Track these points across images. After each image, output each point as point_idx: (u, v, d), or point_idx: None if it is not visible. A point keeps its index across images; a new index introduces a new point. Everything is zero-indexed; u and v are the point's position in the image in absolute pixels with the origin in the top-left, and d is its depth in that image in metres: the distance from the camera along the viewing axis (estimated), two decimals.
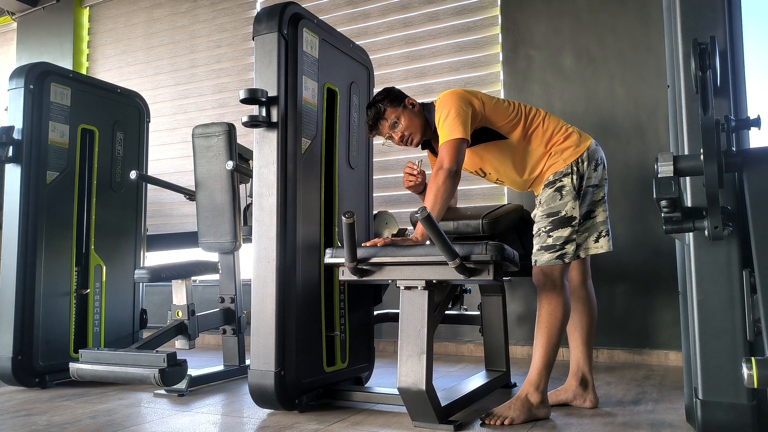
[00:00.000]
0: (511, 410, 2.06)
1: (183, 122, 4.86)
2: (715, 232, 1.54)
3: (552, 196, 2.19)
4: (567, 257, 2.14)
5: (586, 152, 2.21)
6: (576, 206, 2.16)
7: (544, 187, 2.23)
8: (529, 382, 2.11)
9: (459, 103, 2.17)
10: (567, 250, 2.14)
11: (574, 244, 2.15)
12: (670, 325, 3.24)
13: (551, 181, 2.21)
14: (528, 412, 2.06)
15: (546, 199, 2.21)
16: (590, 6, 3.58)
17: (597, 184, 2.21)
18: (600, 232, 2.20)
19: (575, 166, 2.18)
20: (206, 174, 2.85)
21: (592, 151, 2.22)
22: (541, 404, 2.09)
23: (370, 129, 2.37)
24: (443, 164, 2.11)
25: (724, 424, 1.66)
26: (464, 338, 3.75)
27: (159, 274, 2.71)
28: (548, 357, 2.11)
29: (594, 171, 2.20)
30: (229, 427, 2.09)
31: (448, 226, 2.40)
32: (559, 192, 2.18)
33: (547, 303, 2.14)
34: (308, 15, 2.35)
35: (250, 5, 4.69)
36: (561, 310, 2.12)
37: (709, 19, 1.73)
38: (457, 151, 2.12)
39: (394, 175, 4.06)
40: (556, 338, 2.11)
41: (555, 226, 2.16)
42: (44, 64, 2.97)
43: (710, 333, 1.68)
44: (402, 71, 4.10)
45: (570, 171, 2.18)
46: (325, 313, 2.37)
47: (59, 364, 2.82)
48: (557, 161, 2.21)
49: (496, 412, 2.06)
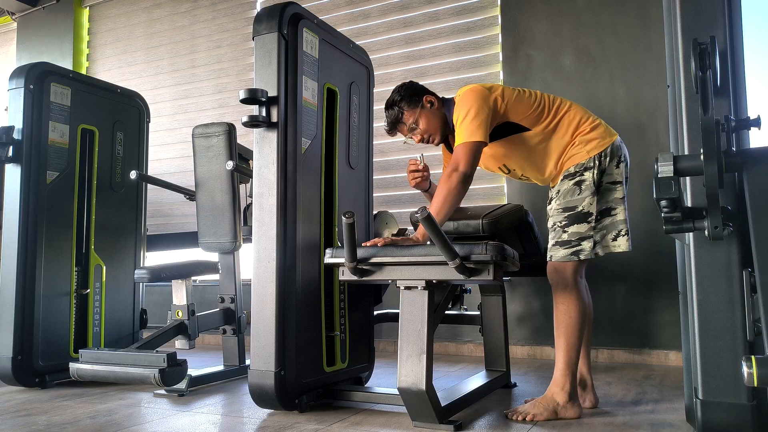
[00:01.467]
0: (535, 408, 2.08)
1: (183, 122, 4.86)
2: (715, 232, 1.54)
3: (571, 189, 2.15)
4: (583, 254, 2.10)
5: (610, 147, 2.15)
6: (594, 202, 2.11)
7: (564, 179, 2.18)
8: (554, 382, 2.11)
9: (479, 102, 2.13)
10: (583, 246, 2.11)
11: (591, 240, 2.11)
12: (670, 325, 3.24)
13: (572, 173, 2.16)
14: (552, 411, 2.07)
15: (564, 192, 2.16)
16: (590, 6, 3.58)
17: (618, 181, 2.15)
18: (620, 231, 2.13)
19: (597, 160, 2.13)
20: (206, 174, 2.85)
21: (617, 147, 2.17)
22: (569, 404, 2.08)
23: (389, 131, 2.37)
24: (458, 167, 2.07)
25: (724, 424, 1.66)
26: (464, 338, 3.75)
27: (159, 274, 2.71)
28: (570, 357, 2.09)
29: (616, 168, 2.15)
30: (229, 427, 2.09)
31: (448, 226, 2.40)
32: (578, 186, 2.14)
33: (562, 302, 2.13)
34: (308, 15, 2.35)
35: (250, 5, 4.69)
36: (576, 309, 2.10)
37: (709, 19, 1.73)
38: (474, 155, 2.09)
39: (394, 175, 4.06)
40: (575, 337, 2.10)
41: (571, 222, 2.13)
42: (44, 64, 2.97)
43: (710, 333, 1.68)
44: (402, 71, 4.10)
45: (592, 165, 2.13)
46: (325, 313, 2.37)
47: (59, 364, 2.82)
48: (580, 152, 2.15)
49: (520, 409, 2.10)
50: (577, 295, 2.12)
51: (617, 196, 2.15)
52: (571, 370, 2.10)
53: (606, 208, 2.14)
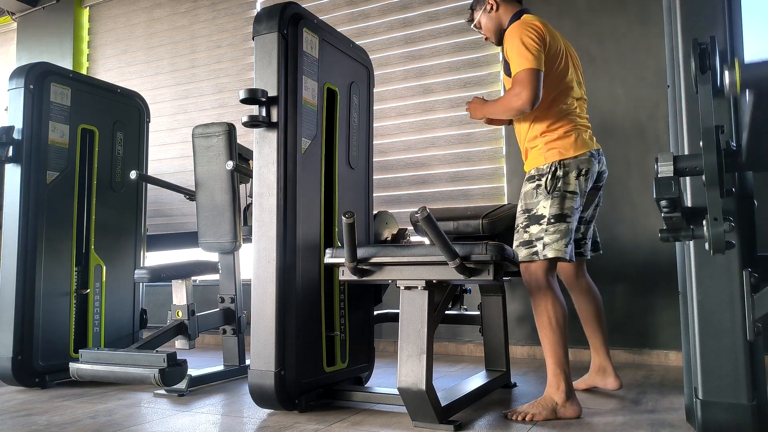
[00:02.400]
0: (534, 408, 2.09)
1: (183, 122, 4.86)
2: (716, 233, 1.53)
3: (530, 192, 2.23)
4: (538, 255, 2.16)
5: (573, 159, 2.19)
6: (547, 206, 2.17)
7: (526, 181, 2.26)
8: (549, 384, 2.13)
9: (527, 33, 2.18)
10: (538, 247, 2.17)
11: (541, 243, 2.16)
12: (670, 325, 3.24)
13: (532, 175, 2.24)
14: (551, 411, 2.08)
15: (524, 194, 2.25)
16: (590, 6, 3.58)
17: (575, 191, 2.18)
18: (569, 239, 2.17)
19: (553, 167, 2.18)
20: (206, 174, 2.85)
21: (582, 161, 2.21)
22: (567, 403, 2.09)
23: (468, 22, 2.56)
24: (524, 93, 2.11)
25: (724, 424, 1.66)
26: (464, 338, 3.75)
27: (159, 274, 2.71)
28: (557, 356, 2.11)
29: (576, 179, 2.19)
30: (229, 427, 2.09)
31: (448, 226, 2.40)
32: (536, 190, 2.21)
33: (537, 304, 2.17)
34: (308, 15, 2.35)
35: (250, 5, 4.69)
36: (552, 308, 2.13)
37: (709, 19, 1.73)
38: (537, 81, 2.12)
39: (394, 175, 4.06)
40: (557, 335, 2.12)
41: (530, 222, 2.20)
42: (44, 64, 2.97)
43: (710, 333, 1.68)
44: (402, 71, 4.10)
45: (547, 170, 2.19)
46: (325, 313, 2.37)
47: (59, 364, 2.82)
48: (540, 156, 2.22)
49: (519, 409, 2.12)
50: (551, 294, 2.15)
51: (572, 206, 2.18)
52: (562, 368, 2.11)
53: (561, 214, 2.17)
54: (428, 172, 3.98)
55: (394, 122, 4.09)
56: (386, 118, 4.10)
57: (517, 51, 2.15)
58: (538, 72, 2.13)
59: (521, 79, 2.12)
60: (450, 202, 3.89)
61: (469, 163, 3.86)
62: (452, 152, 3.91)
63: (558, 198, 2.17)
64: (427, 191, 3.96)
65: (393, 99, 4.10)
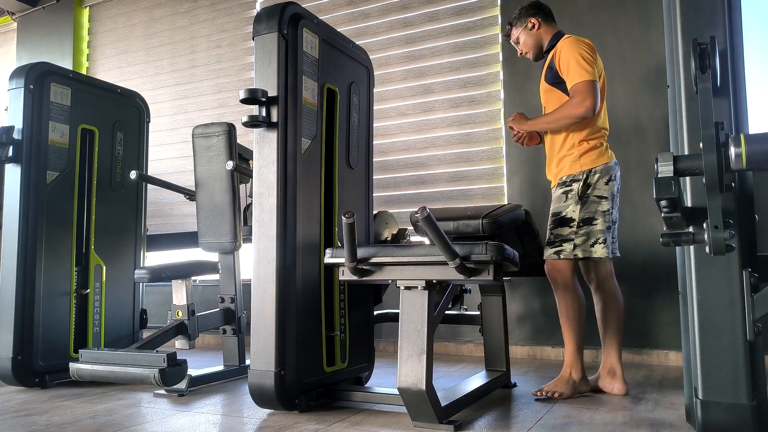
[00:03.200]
0: (559, 386, 2.38)
1: (183, 122, 4.86)
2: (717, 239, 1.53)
3: (559, 197, 2.45)
4: (563, 254, 2.39)
5: (603, 166, 2.41)
6: (577, 210, 2.39)
7: (557, 186, 2.48)
8: (567, 364, 2.42)
9: (590, 52, 2.38)
10: (564, 248, 2.39)
11: (571, 243, 2.38)
12: (670, 325, 3.24)
13: (563, 182, 2.45)
14: (573, 387, 2.40)
15: (554, 199, 2.48)
16: (590, 6, 3.58)
17: (604, 196, 2.40)
18: (597, 239, 2.38)
19: (586, 174, 2.39)
20: (206, 174, 2.85)
21: (610, 167, 2.43)
22: (582, 381, 2.42)
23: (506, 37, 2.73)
24: (587, 102, 2.30)
25: (724, 424, 1.66)
26: (464, 338, 3.75)
27: (159, 274, 2.71)
28: (575, 341, 2.41)
29: (605, 184, 2.40)
30: (229, 427, 2.09)
31: (448, 226, 2.40)
32: (565, 195, 2.42)
33: (558, 297, 2.45)
34: (308, 15, 2.35)
35: (250, 5, 4.69)
36: (571, 301, 2.41)
37: (709, 19, 1.73)
38: (596, 91, 2.33)
39: (394, 175, 4.06)
40: (575, 324, 2.41)
41: (556, 225, 2.43)
42: (44, 64, 2.97)
43: (710, 333, 1.68)
44: (402, 71, 4.10)
45: (580, 177, 2.40)
46: (325, 313, 2.37)
47: (59, 364, 2.82)
48: (575, 164, 2.41)
49: (546, 388, 2.40)
50: (572, 289, 2.42)
51: (600, 209, 2.40)
52: (580, 352, 2.41)
53: (588, 218, 2.39)
54: (428, 172, 3.98)
55: (394, 122, 4.09)
56: (386, 118, 4.10)
57: (576, 63, 2.35)
58: (596, 83, 2.34)
59: (582, 90, 2.33)
60: (450, 202, 3.89)
61: (468, 163, 3.86)
62: (452, 152, 3.91)
63: (587, 203, 2.39)
64: (426, 191, 3.96)
65: (393, 99, 4.11)
